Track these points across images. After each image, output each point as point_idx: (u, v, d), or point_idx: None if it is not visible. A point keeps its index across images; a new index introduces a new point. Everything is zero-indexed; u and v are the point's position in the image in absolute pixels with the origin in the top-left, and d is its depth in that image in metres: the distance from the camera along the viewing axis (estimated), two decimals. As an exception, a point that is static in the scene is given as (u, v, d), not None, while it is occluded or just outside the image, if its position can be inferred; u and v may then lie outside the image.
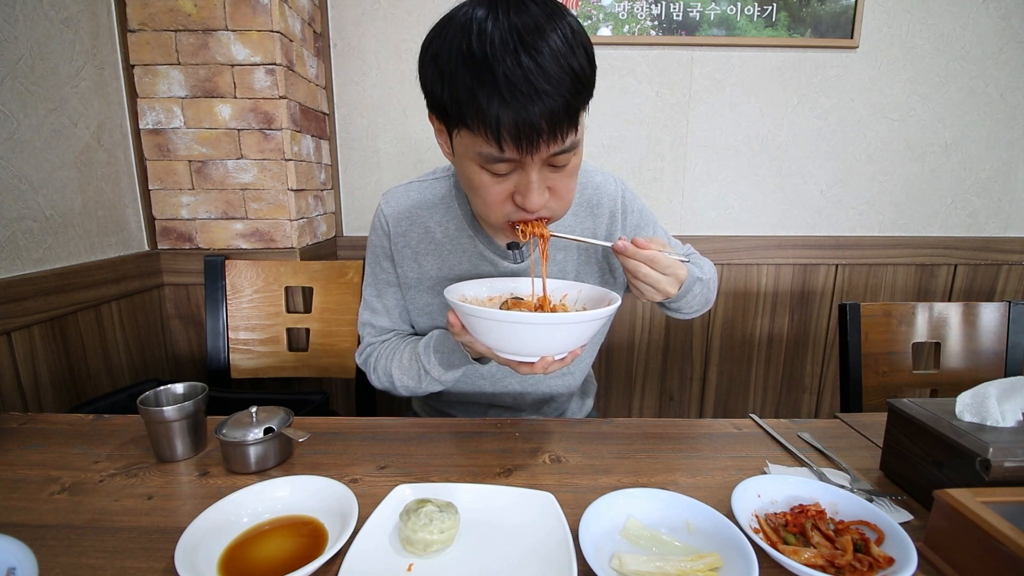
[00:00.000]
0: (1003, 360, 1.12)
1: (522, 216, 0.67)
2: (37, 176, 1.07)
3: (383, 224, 0.86)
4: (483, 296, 0.77)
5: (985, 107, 1.68)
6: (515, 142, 0.58)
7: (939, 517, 0.50)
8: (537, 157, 0.60)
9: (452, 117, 0.61)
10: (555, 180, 0.65)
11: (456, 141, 0.64)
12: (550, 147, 0.59)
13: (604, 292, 0.72)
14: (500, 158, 0.60)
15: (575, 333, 0.60)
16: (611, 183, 0.89)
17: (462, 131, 0.61)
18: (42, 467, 0.68)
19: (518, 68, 0.54)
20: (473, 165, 0.64)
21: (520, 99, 0.55)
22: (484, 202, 0.67)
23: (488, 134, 0.58)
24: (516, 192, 0.64)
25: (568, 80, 0.56)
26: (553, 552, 0.51)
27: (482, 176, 0.64)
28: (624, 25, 1.59)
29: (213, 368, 1.33)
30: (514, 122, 0.56)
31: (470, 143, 0.61)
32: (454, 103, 0.59)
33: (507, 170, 0.62)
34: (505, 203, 0.66)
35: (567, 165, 0.65)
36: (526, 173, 0.62)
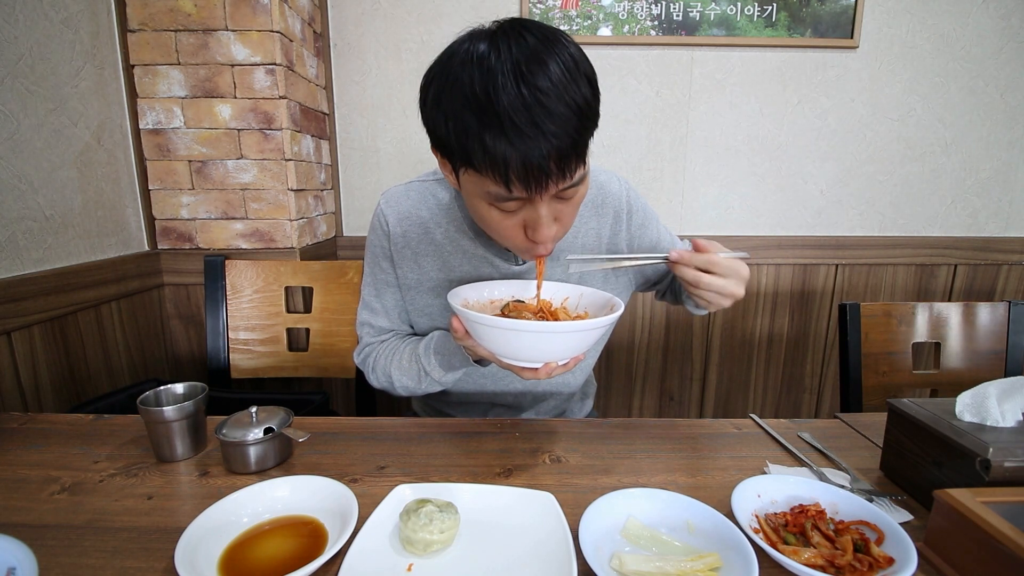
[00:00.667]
0: (1003, 360, 1.12)
1: (535, 249, 0.66)
2: (37, 176, 1.07)
3: (383, 225, 0.86)
4: (485, 299, 0.77)
5: (985, 107, 1.68)
6: (523, 183, 0.57)
7: (939, 517, 0.50)
8: (546, 195, 0.60)
9: (458, 158, 0.60)
10: (562, 211, 0.65)
11: (463, 178, 0.64)
12: (558, 185, 0.59)
13: (606, 297, 0.71)
14: (509, 197, 0.60)
15: (579, 340, 0.60)
16: (615, 182, 0.89)
17: (469, 171, 0.61)
18: (42, 467, 0.68)
19: (523, 109, 0.54)
20: (482, 203, 0.64)
21: (527, 142, 0.54)
22: (497, 233, 0.67)
23: (496, 176, 0.57)
24: (526, 226, 0.64)
25: (573, 118, 0.56)
26: (553, 552, 0.51)
27: (491, 212, 0.64)
28: (624, 25, 1.59)
29: (213, 368, 1.33)
30: (523, 164, 0.56)
31: (477, 181, 0.61)
32: (460, 145, 0.58)
33: (516, 208, 0.63)
34: (516, 236, 0.66)
35: (575, 196, 0.65)
36: (535, 208, 0.62)
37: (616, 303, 0.67)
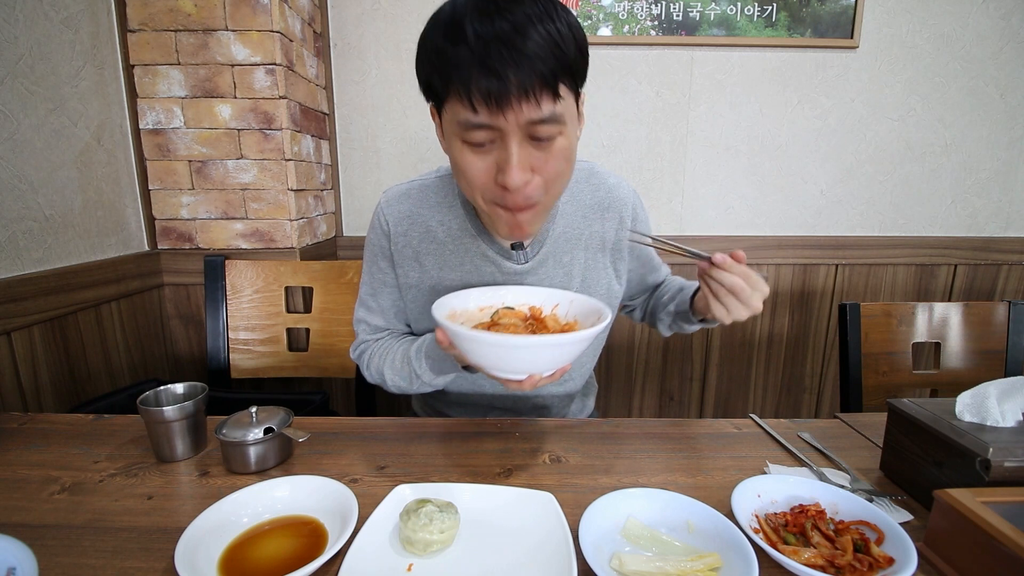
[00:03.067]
0: (1003, 360, 1.12)
1: (504, 197, 0.64)
2: (37, 176, 1.07)
3: (383, 224, 0.85)
4: (473, 307, 0.75)
5: (985, 107, 1.68)
6: (486, 102, 0.57)
7: (939, 517, 0.50)
8: (512, 121, 0.59)
9: (436, 91, 0.62)
10: (539, 160, 0.63)
11: (444, 120, 0.65)
12: (524, 110, 0.58)
13: (595, 306, 0.69)
14: (476, 123, 0.59)
15: (562, 353, 0.59)
16: (624, 187, 0.88)
17: (445, 105, 0.63)
18: (42, 467, 0.68)
19: (490, 26, 0.55)
20: (456, 142, 0.64)
21: (491, 56, 0.55)
22: (468, 182, 0.66)
23: (461, 94, 0.58)
24: (497, 170, 0.63)
25: (543, 43, 0.56)
26: (553, 552, 0.51)
27: (463, 152, 0.64)
28: (624, 25, 1.59)
29: (213, 368, 1.33)
30: (485, 82, 0.56)
31: (451, 115, 0.62)
32: (434, 72, 0.60)
33: (485, 138, 0.61)
34: (488, 182, 0.64)
35: (551, 143, 0.63)
36: (505, 145, 0.61)
37: (604, 312, 0.65)
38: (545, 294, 0.76)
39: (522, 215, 0.67)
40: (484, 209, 0.69)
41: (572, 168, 0.69)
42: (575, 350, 0.60)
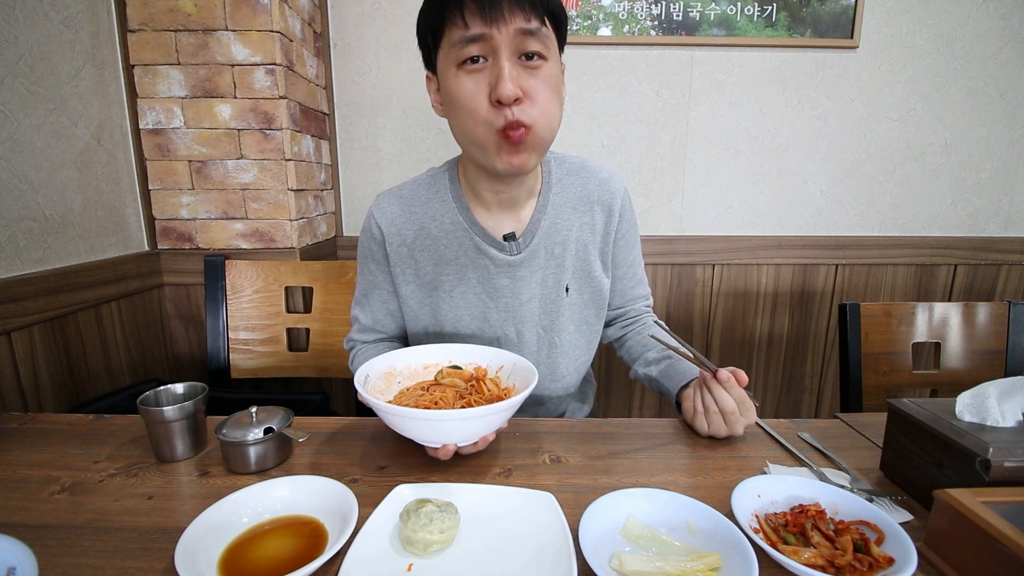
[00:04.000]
0: (1003, 360, 1.12)
1: (504, 117, 0.67)
2: (37, 176, 1.07)
3: (374, 229, 0.87)
4: (417, 364, 0.78)
5: (985, 107, 1.68)
6: (480, 10, 0.63)
7: (939, 517, 0.50)
8: (503, 31, 0.64)
9: (433, 30, 0.68)
10: (528, 82, 0.68)
11: (440, 62, 0.70)
12: (514, 19, 0.64)
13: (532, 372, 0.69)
14: (469, 36, 0.65)
15: (467, 428, 0.61)
16: (615, 181, 0.90)
17: (441, 41, 0.68)
18: (42, 467, 0.68)
19: None
20: (452, 70, 0.69)
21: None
22: (467, 109, 0.69)
23: (455, 14, 0.64)
24: (492, 89, 0.67)
25: None
26: (553, 552, 0.51)
27: (459, 79, 0.68)
28: (624, 25, 1.59)
29: (213, 368, 1.33)
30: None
31: (446, 44, 0.68)
32: (432, 10, 0.67)
33: (478, 52, 0.66)
34: (484, 104, 0.68)
35: (539, 69, 0.68)
36: (497, 61, 0.66)
37: (531, 380, 0.66)
38: (491, 354, 0.78)
39: (516, 136, 0.69)
40: (482, 142, 0.71)
41: (560, 106, 0.74)
42: (481, 425, 0.61)
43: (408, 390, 0.74)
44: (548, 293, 0.87)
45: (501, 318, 0.87)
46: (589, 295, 0.90)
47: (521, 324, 0.88)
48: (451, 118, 0.74)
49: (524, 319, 0.87)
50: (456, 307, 0.87)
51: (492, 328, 0.88)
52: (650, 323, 0.98)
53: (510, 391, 0.71)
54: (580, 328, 0.91)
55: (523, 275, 0.85)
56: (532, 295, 0.86)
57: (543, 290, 0.87)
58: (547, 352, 0.90)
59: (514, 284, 0.85)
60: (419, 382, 0.76)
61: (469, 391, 0.71)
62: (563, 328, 0.89)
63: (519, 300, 0.86)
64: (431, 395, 0.70)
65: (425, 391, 0.72)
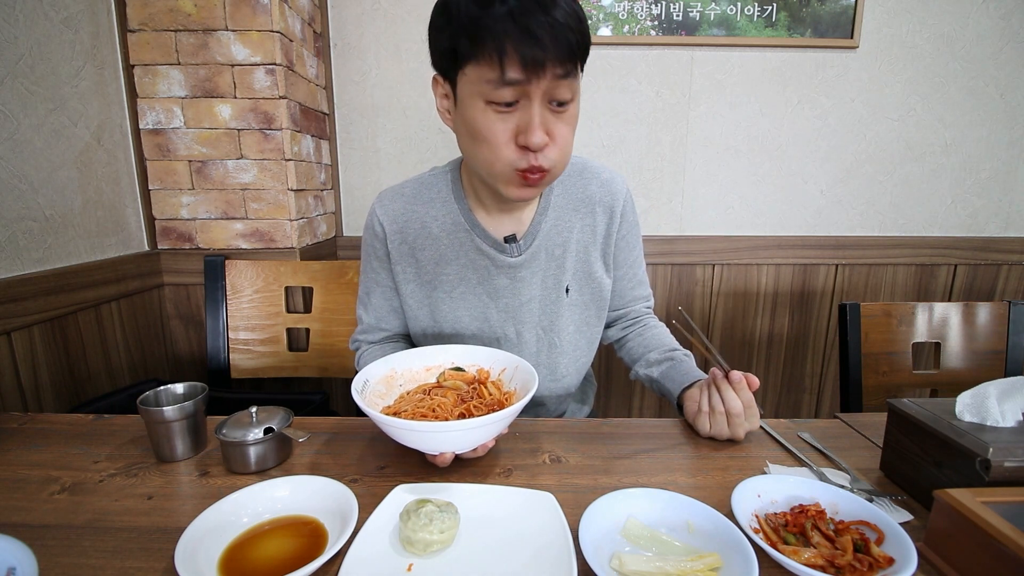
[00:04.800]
0: (1003, 360, 1.12)
1: (527, 160, 0.68)
2: (37, 176, 1.07)
3: (376, 226, 0.87)
4: (419, 367, 0.77)
5: (985, 107, 1.68)
6: (521, 61, 0.61)
7: (939, 517, 0.50)
8: (541, 83, 0.63)
9: (459, 54, 0.64)
10: (555, 126, 0.68)
11: (462, 85, 0.67)
12: (554, 70, 0.63)
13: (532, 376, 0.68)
14: (505, 80, 0.63)
15: (465, 438, 0.61)
16: (618, 182, 0.90)
17: (467, 67, 0.65)
18: (42, 467, 0.68)
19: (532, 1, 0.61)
20: (478, 104, 0.66)
21: (528, 20, 0.60)
22: (488, 145, 0.69)
23: (493, 56, 0.61)
24: (519, 132, 0.67)
25: (570, 15, 0.63)
26: (553, 552, 0.51)
27: (486, 115, 0.67)
28: (624, 25, 1.59)
29: (213, 368, 1.33)
30: (520, 42, 0.60)
31: (476, 77, 0.65)
32: (462, 35, 0.63)
33: (512, 97, 0.65)
34: (508, 145, 0.68)
35: (566, 110, 0.68)
36: (529, 107, 0.65)
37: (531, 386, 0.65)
38: (493, 356, 0.77)
39: (535, 179, 0.71)
40: (497, 174, 0.71)
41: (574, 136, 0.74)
42: (477, 435, 0.61)
43: (408, 394, 0.73)
44: (548, 294, 0.87)
45: (501, 318, 0.87)
46: (590, 296, 0.90)
47: (521, 324, 0.88)
48: (466, 141, 0.72)
49: (524, 320, 0.87)
50: (456, 307, 0.87)
51: (492, 328, 0.88)
52: (652, 324, 0.98)
53: (511, 395, 0.71)
54: (580, 329, 0.91)
55: (523, 276, 0.85)
56: (532, 296, 0.86)
57: (543, 291, 0.87)
58: (547, 352, 0.90)
59: (514, 285, 0.85)
60: (420, 385, 0.75)
61: (471, 394, 0.71)
62: (563, 329, 0.89)
63: (519, 301, 0.86)
64: (431, 400, 0.69)
65: (426, 395, 0.71)
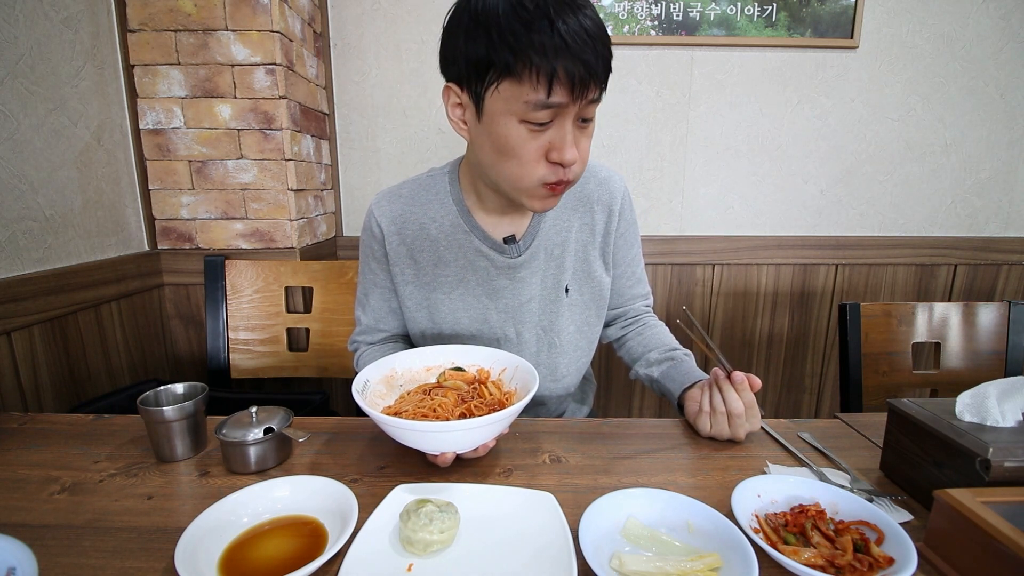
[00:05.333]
0: (1003, 360, 1.12)
1: (556, 175, 0.69)
2: (37, 176, 1.07)
3: (374, 227, 0.87)
4: (419, 367, 0.77)
5: (985, 107, 1.68)
6: (569, 85, 0.62)
7: (939, 517, 0.50)
8: (582, 103, 0.65)
9: (497, 69, 0.64)
10: (580, 141, 0.69)
11: (492, 100, 0.66)
12: (595, 92, 0.65)
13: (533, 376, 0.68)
14: (547, 103, 0.63)
15: (466, 438, 0.61)
16: (616, 180, 0.90)
17: (503, 84, 0.64)
18: (42, 467, 0.68)
19: (576, 22, 0.61)
20: (511, 121, 0.66)
21: (579, 45, 0.61)
22: (520, 161, 0.69)
23: (540, 79, 0.62)
24: (551, 148, 0.67)
25: (606, 36, 0.65)
26: (553, 552, 0.51)
27: (520, 131, 0.67)
28: (624, 25, 1.59)
29: (213, 368, 1.33)
30: (572, 67, 0.61)
31: (513, 95, 0.64)
32: (504, 53, 0.62)
33: (548, 118, 0.65)
34: (539, 161, 0.69)
35: (590, 124, 0.70)
36: (562, 126, 0.66)
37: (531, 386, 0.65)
38: (494, 355, 0.77)
39: (560, 190, 0.72)
40: (524, 187, 0.71)
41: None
42: (477, 435, 0.61)
43: (409, 394, 0.73)
44: (548, 294, 0.87)
45: (501, 319, 0.87)
46: (590, 295, 0.90)
47: (521, 325, 0.88)
48: (490, 154, 0.71)
49: (524, 320, 0.87)
50: (455, 308, 0.87)
51: (492, 329, 0.88)
52: (651, 323, 0.98)
53: (512, 395, 0.71)
54: (581, 329, 0.91)
55: (523, 276, 0.85)
56: (532, 296, 0.86)
57: (543, 291, 0.87)
58: (547, 352, 0.90)
59: (514, 285, 0.85)
60: (420, 385, 0.75)
61: (471, 394, 0.71)
62: (563, 328, 0.89)
63: (519, 301, 0.86)
64: (431, 400, 0.69)
65: (426, 395, 0.71)
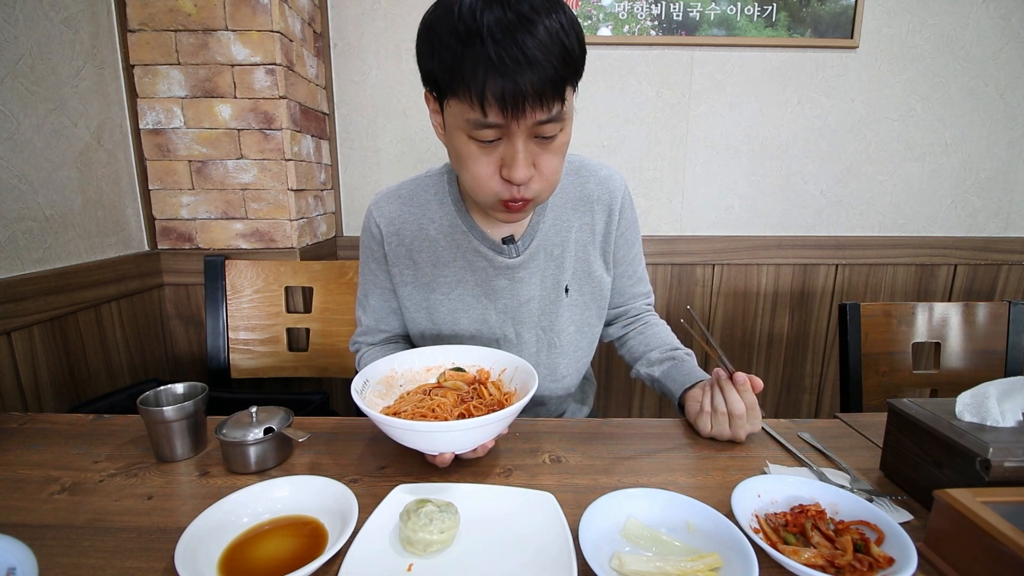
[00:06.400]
0: (1003, 360, 1.12)
1: (510, 192, 0.68)
2: (37, 176, 1.07)
3: (373, 228, 0.87)
4: (419, 367, 0.77)
5: (985, 107, 1.68)
6: (500, 106, 0.59)
7: (939, 517, 0.50)
8: (523, 123, 0.61)
9: (441, 86, 0.63)
10: (541, 156, 0.67)
11: (447, 113, 0.66)
12: (536, 114, 0.61)
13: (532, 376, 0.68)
14: (485, 123, 0.62)
15: (465, 438, 0.60)
16: (615, 179, 0.89)
17: (451, 100, 0.63)
18: (42, 467, 0.68)
19: (512, 40, 0.56)
20: (462, 136, 0.65)
21: (506, 62, 0.57)
22: (472, 176, 0.68)
23: (473, 99, 0.59)
24: (503, 165, 0.66)
25: (555, 48, 0.58)
26: (553, 552, 0.51)
27: (470, 147, 0.66)
28: (624, 25, 1.59)
29: (213, 368, 1.33)
30: (500, 88, 0.58)
31: (458, 111, 0.63)
32: (443, 71, 0.61)
33: (493, 136, 0.64)
34: (492, 177, 0.67)
35: (553, 140, 0.66)
36: (512, 143, 0.64)
37: (531, 386, 0.65)
38: (494, 356, 0.77)
39: (517, 207, 0.70)
40: (482, 200, 0.71)
41: (563, 162, 0.72)
42: (477, 435, 0.61)
43: (409, 394, 0.73)
44: (547, 294, 0.87)
45: (500, 319, 0.87)
46: (590, 295, 0.90)
47: (520, 325, 0.87)
48: (454, 162, 0.72)
49: (523, 320, 0.87)
50: (455, 309, 0.87)
51: (491, 329, 0.88)
52: (652, 321, 0.98)
53: (511, 396, 0.71)
54: (581, 329, 0.91)
55: (522, 277, 0.85)
56: (531, 296, 0.86)
57: (542, 291, 0.87)
58: (547, 353, 0.90)
59: (513, 286, 0.85)
60: (420, 385, 0.75)
61: (471, 394, 0.71)
62: (563, 329, 0.89)
63: (518, 301, 0.86)
64: (431, 400, 0.69)
65: (426, 395, 0.71)
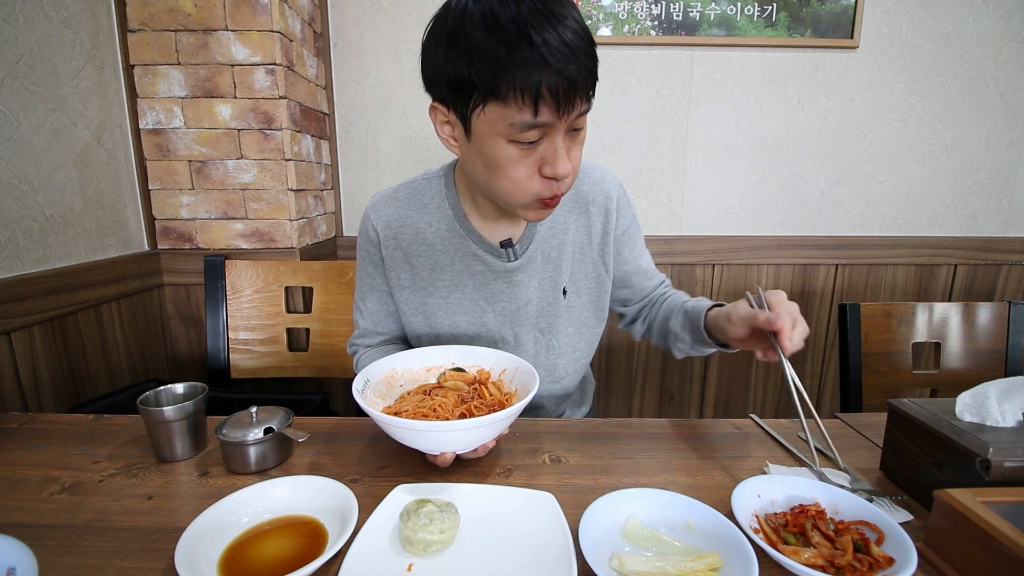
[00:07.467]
0: (1003, 360, 1.12)
1: (551, 190, 0.68)
2: (37, 176, 1.07)
3: (370, 230, 0.87)
4: (419, 367, 0.77)
5: (985, 107, 1.68)
6: (555, 100, 0.60)
7: (939, 517, 0.50)
8: (568, 118, 0.63)
9: (480, 91, 0.62)
10: (572, 150, 0.68)
11: (479, 121, 0.65)
12: (581, 105, 0.63)
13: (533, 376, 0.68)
14: (534, 123, 0.62)
15: (466, 438, 0.60)
16: (609, 180, 0.89)
17: (488, 106, 0.63)
18: (42, 467, 0.68)
19: (555, 35, 0.59)
20: (499, 141, 0.65)
21: (561, 61, 0.59)
22: (511, 180, 0.68)
23: (525, 99, 0.60)
24: (543, 164, 0.66)
25: (589, 39, 0.62)
26: (553, 552, 0.51)
27: (509, 152, 0.65)
28: (624, 25, 1.59)
29: (213, 368, 1.33)
30: (556, 84, 0.59)
31: (498, 117, 0.63)
32: (487, 75, 0.60)
33: (537, 137, 0.64)
34: (532, 178, 0.67)
35: (580, 132, 0.68)
36: (552, 141, 0.65)
37: (532, 386, 0.65)
38: (495, 356, 0.77)
39: (554, 202, 0.71)
40: (518, 202, 0.71)
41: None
42: (479, 435, 0.61)
43: (409, 394, 0.73)
44: (545, 296, 0.87)
45: (498, 322, 0.87)
46: (588, 297, 0.90)
47: (519, 328, 0.87)
48: (482, 172, 0.70)
49: (521, 322, 0.87)
50: (452, 312, 0.87)
51: (489, 332, 0.87)
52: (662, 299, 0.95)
53: (512, 396, 0.71)
54: (579, 330, 0.91)
55: (520, 279, 0.85)
56: (529, 299, 0.86)
57: (540, 293, 0.87)
58: (545, 354, 0.90)
59: (511, 289, 0.85)
60: (421, 385, 0.75)
61: (471, 395, 0.71)
62: (561, 330, 0.89)
63: (516, 304, 0.86)
64: (431, 400, 0.69)
65: (426, 395, 0.71)
